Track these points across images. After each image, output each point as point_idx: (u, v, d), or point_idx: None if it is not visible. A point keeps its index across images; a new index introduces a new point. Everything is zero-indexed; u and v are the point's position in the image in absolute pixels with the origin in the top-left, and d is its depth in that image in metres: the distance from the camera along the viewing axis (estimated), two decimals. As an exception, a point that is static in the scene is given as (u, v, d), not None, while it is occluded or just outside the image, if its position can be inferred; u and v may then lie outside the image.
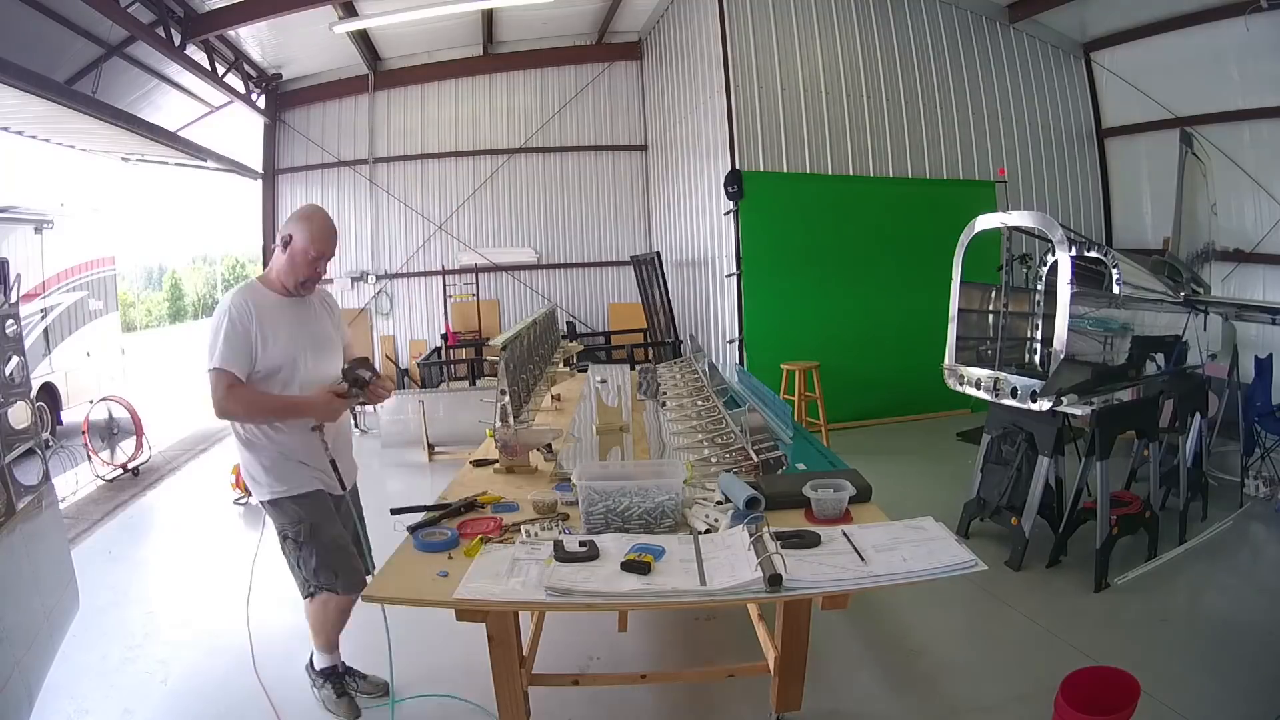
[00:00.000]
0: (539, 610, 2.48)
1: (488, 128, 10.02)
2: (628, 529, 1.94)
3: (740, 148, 6.94)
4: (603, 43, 9.98)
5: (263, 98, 9.53)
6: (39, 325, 7.31)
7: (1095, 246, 3.64)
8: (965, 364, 3.92)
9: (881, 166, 7.45)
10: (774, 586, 1.56)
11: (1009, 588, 3.45)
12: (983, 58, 8.04)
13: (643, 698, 2.63)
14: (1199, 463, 4.22)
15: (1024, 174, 8.18)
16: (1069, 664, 2.31)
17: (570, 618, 3.05)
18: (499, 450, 2.62)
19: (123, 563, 4.33)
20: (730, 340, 7.21)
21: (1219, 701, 2.55)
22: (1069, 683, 2.01)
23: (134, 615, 3.51)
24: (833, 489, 2.01)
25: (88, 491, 5.76)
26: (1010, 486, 3.79)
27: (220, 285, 40.97)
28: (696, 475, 2.31)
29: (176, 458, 7.00)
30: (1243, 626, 3.07)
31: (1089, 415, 3.50)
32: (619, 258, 10.07)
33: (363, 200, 9.88)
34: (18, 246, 7.08)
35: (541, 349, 4.13)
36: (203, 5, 7.03)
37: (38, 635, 2.29)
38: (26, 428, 2.39)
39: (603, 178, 10.22)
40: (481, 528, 2.02)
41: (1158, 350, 4.19)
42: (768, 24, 7.13)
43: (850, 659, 2.88)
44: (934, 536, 1.79)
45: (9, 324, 2.37)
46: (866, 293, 7.10)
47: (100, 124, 6.72)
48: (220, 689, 2.82)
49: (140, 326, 29.87)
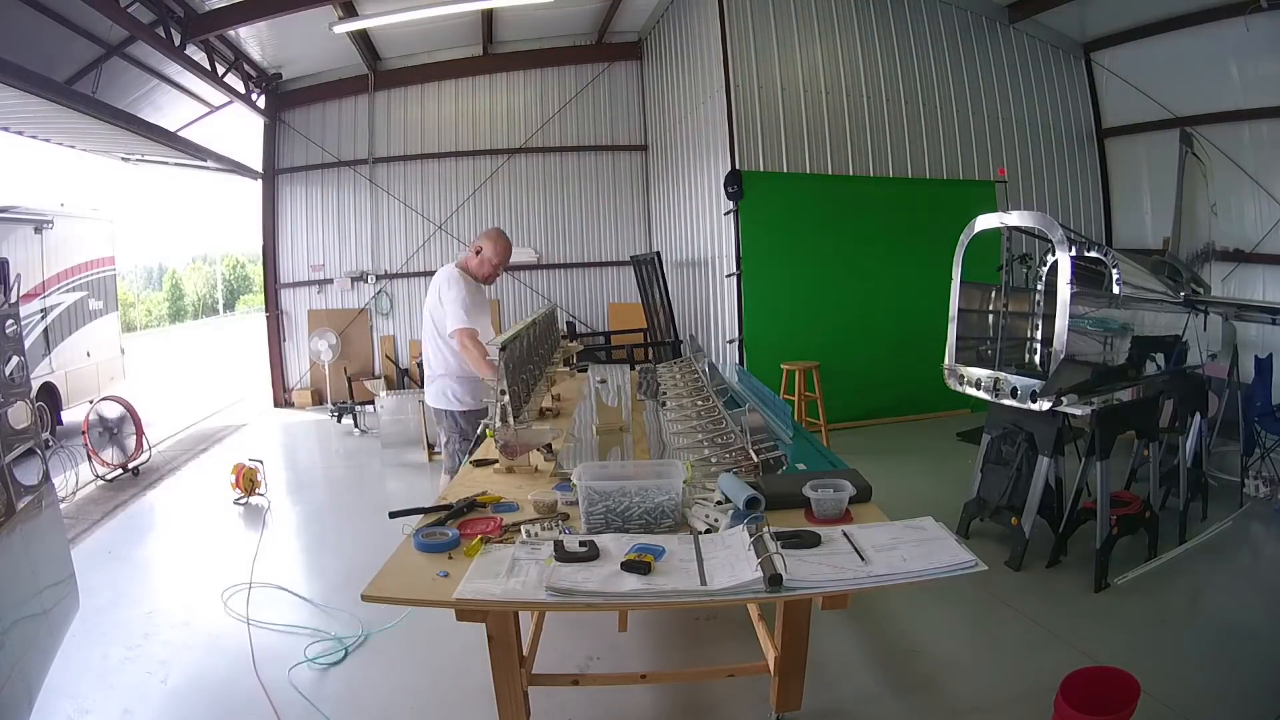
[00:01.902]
0: (539, 610, 2.48)
1: (488, 128, 10.01)
2: (628, 529, 1.94)
3: (740, 148, 6.94)
4: (603, 43, 9.97)
5: (263, 98, 9.53)
6: (39, 325, 7.32)
7: (1095, 246, 3.63)
8: (965, 364, 3.92)
9: (881, 166, 7.45)
10: (774, 586, 1.56)
11: (1009, 588, 3.45)
12: (983, 58, 8.04)
13: (643, 698, 2.63)
14: (1199, 463, 4.22)
15: (1024, 174, 8.18)
16: (1069, 664, 2.32)
17: (570, 618, 3.05)
18: (499, 450, 2.61)
19: (123, 563, 4.33)
20: (730, 340, 7.21)
21: (1219, 701, 2.55)
22: (1069, 683, 2.01)
23: (134, 615, 3.50)
24: (833, 489, 2.01)
25: (88, 491, 5.76)
26: (1010, 486, 3.79)
27: (220, 285, 41.01)
28: (696, 475, 2.31)
29: (176, 458, 7.00)
30: (1243, 626, 3.07)
31: (1089, 415, 3.50)
32: (619, 258, 10.06)
33: (363, 200, 9.87)
34: (18, 246, 7.09)
35: (541, 349, 4.13)
36: (203, 5, 7.02)
37: (38, 635, 2.29)
38: (26, 428, 2.39)
39: (603, 178, 10.22)
40: (481, 528, 2.02)
41: (1158, 350, 4.19)
42: (768, 24, 7.13)
43: (850, 659, 2.88)
44: (934, 536, 1.79)
45: (9, 324, 2.37)
46: (866, 293, 7.10)
47: (100, 124, 6.72)
48: (220, 689, 2.82)
49: (140, 326, 29.91)
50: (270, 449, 7.20)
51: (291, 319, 9.85)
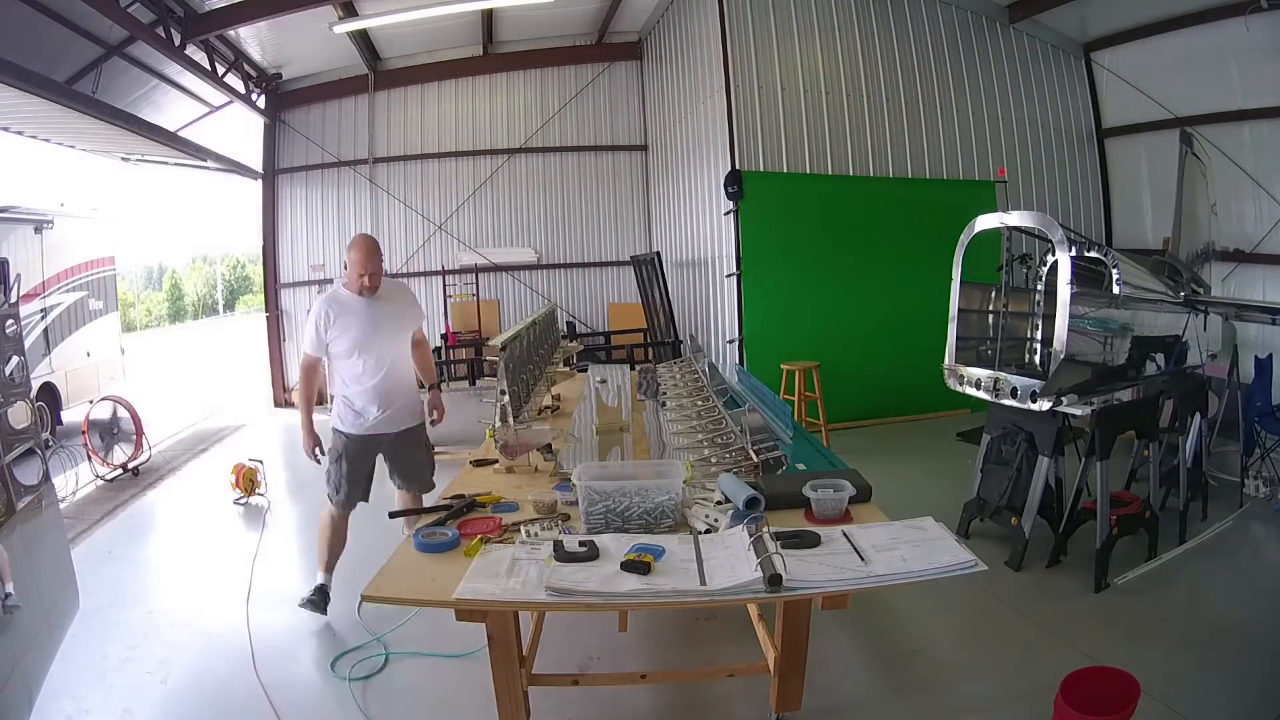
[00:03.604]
0: (539, 610, 2.48)
1: (487, 128, 10.01)
2: (628, 529, 1.94)
3: (740, 148, 6.94)
4: (603, 43, 9.97)
5: (263, 98, 9.53)
6: (39, 325, 7.31)
7: (1095, 246, 3.63)
8: (965, 364, 3.92)
9: (881, 166, 7.45)
10: (774, 586, 1.56)
11: (1009, 588, 3.45)
12: (983, 58, 8.03)
13: (643, 698, 2.63)
14: (1199, 463, 4.22)
15: (1024, 174, 8.18)
16: (1069, 664, 2.31)
17: (570, 618, 3.05)
18: (499, 450, 2.62)
19: (123, 563, 4.33)
20: (730, 340, 7.21)
21: (1219, 701, 2.55)
22: (1069, 683, 2.01)
23: (134, 615, 3.50)
24: (833, 489, 2.01)
25: (88, 491, 5.76)
26: (1010, 486, 3.79)
27: (220, 285, 41.03)
28: (696, 475, 2.31)
29: (176, 458, 7.00)
30: (1243, 626, 3.07)
31: (1089, 415, 3.50)
32: (619, 258, 10.06)
33: (363, 200, 9.87)
34: (18, 246, 7.08)
35: (541, 349, 4.13)
36: (203, 5, 7.02)
37: (38, 635, 2.29)
38: (26, 428, 2.39)
39: (603, 178, 10.21)
40: (481, 528, 2.02)
41: (1158, 350, 4.19)
42: (768, 24, 7.12)
43: (850, 659, 2.88)
44: (934, 536, 1.79)
45: (9, 324, 2.37)
46: (866, 293, 7.09)
47: (100, 124, 6.72)
48: (220, 689, 2.82)
49: (140, 326, 29.89)
50: (270, 449, 7.19)
51: (291, 319, 9.84)
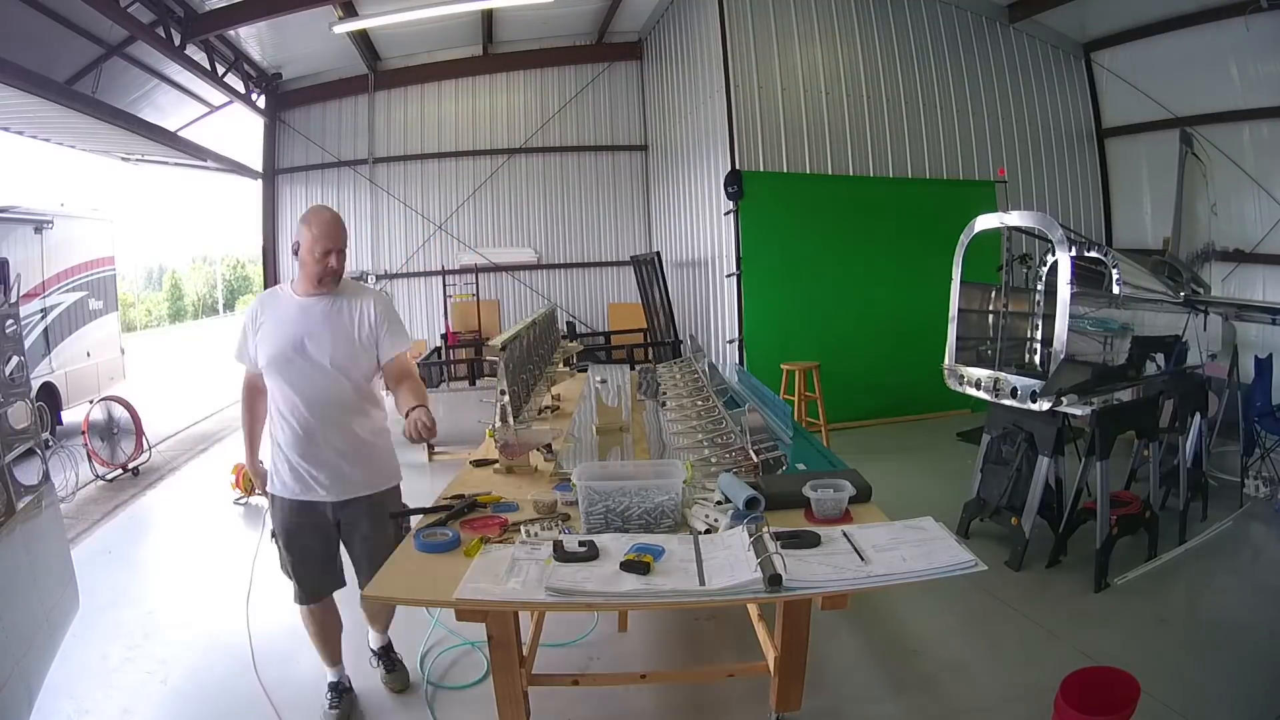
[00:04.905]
0: (539, 610, 2.47)
1: (487, 128, 10.02)
2: (628, 529, 1.94)
3: (740, 148, 6.94)
4: (603, 43, 9.97)
5: (263, 98, 9.53)
6: (39, 325, 7.31)
7: (1095, 246, 3.64)
8: (965, 364, 3.92)
9: (881, 166, 7.45)
10: (774, 586, 1.56)
11: (1009, 588, 3.45)
12: (983, 58, 8.03)
13: (643, 698, 2.63)
14: (1199, 463, 4.22)
15: (1024, 174, 8.18)
16: (1069, 664, 2.32)
17: (570, 618, 3.05)
18: (499, 450, 2.61)
19: (123, 563, 4.33)
20: (730, 340, 7.21)
21: (1219, 701, 2.55)
22: (1069, 683, 2.01)
23: (134, 615, 3.51)
24: (833, 489, 2.01)
25: (88, 491, 5.76)
26: (1010, 486, 3.79)
27: (220, 285, 41.04)
28: (696, 475, 2.31)
29: (176, 458, 7.00)
30: (1243, 626, 3.07)
31: (1089, 415, 3.50)
32: (619, 258, 10.06)
33: (363, 200, 9.88)
34: (18, 246, 7.08)
35: (541, 349, 4.13)
36: (203, 5, 7.03)
37: (38, 635, 2.28)
38: (26, 428, 2.39)
39: (602, 178, 10.22)
40: (481, 528, 2.02)
41: (1158, 350, 4.19)
42: (768, 24, 7.13)
43: (850, 659, 2.88)
44: (934, 536, 1.79)
45: (9, 324, 2.37)
46: (866, 293, 7.09)
47: (100, 124, 6.73)
48: (220, 689, 2.82)
49: (140, 326, 29.89)
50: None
51: (291, 319, 9.83)
